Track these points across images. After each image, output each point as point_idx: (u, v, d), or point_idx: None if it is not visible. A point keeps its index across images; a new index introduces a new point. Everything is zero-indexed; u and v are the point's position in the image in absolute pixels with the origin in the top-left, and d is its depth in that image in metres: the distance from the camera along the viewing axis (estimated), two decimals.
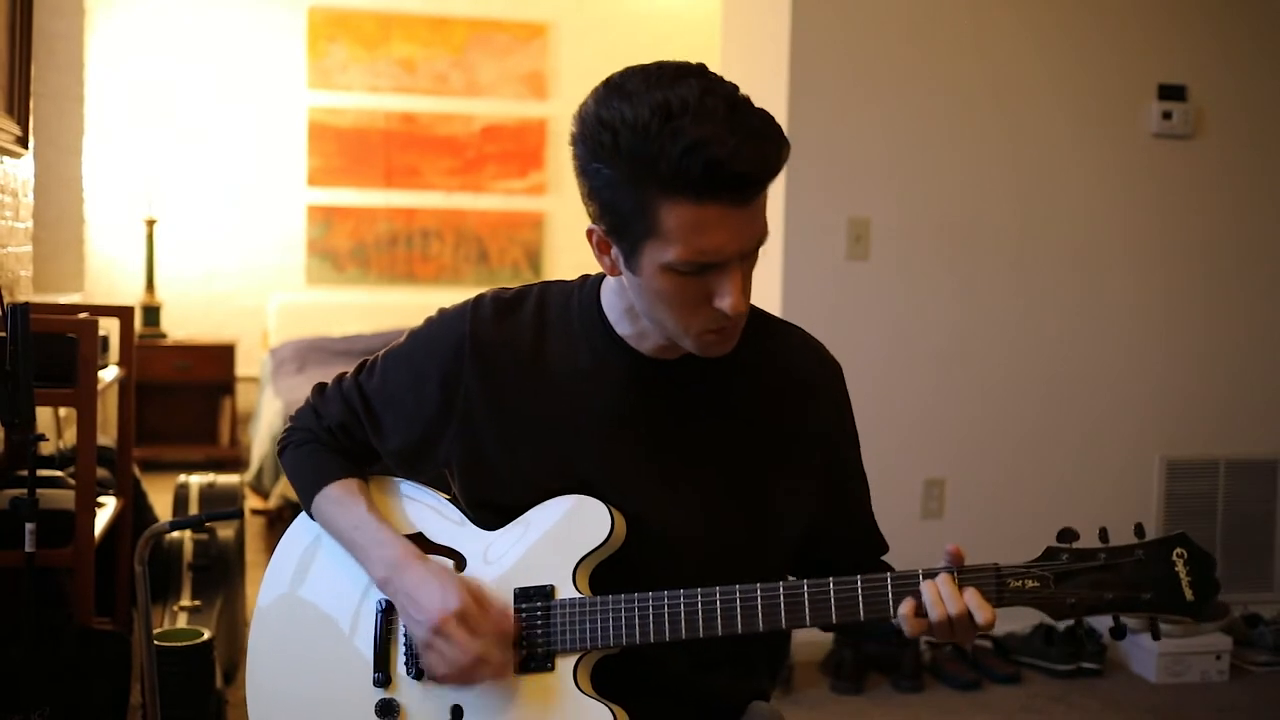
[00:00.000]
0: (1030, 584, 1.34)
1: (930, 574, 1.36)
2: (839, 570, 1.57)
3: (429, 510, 1.57)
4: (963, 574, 1.35)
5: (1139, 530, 1.37)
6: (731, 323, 1.35)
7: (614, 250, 1.38)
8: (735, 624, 1.40)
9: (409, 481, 1.61)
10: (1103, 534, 1.37)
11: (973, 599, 1.33)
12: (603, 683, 1.46)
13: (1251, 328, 4.11)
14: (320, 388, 1.65)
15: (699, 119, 1.24)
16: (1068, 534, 1.35)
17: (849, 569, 1.57)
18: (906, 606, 1.35)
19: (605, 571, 1.47)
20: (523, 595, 1.46)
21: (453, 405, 1.51)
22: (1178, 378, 4.07)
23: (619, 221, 1.33)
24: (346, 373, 1.63)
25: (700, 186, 1.25)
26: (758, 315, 1.55)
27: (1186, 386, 4.07)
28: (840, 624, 1.40)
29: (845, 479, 1.58)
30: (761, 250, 1.39)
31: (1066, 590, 1.33)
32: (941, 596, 1.34)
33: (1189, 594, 1.32)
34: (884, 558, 1.63)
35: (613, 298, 1.48)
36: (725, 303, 1.32)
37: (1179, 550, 1.33)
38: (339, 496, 1.57)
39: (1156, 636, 1.37)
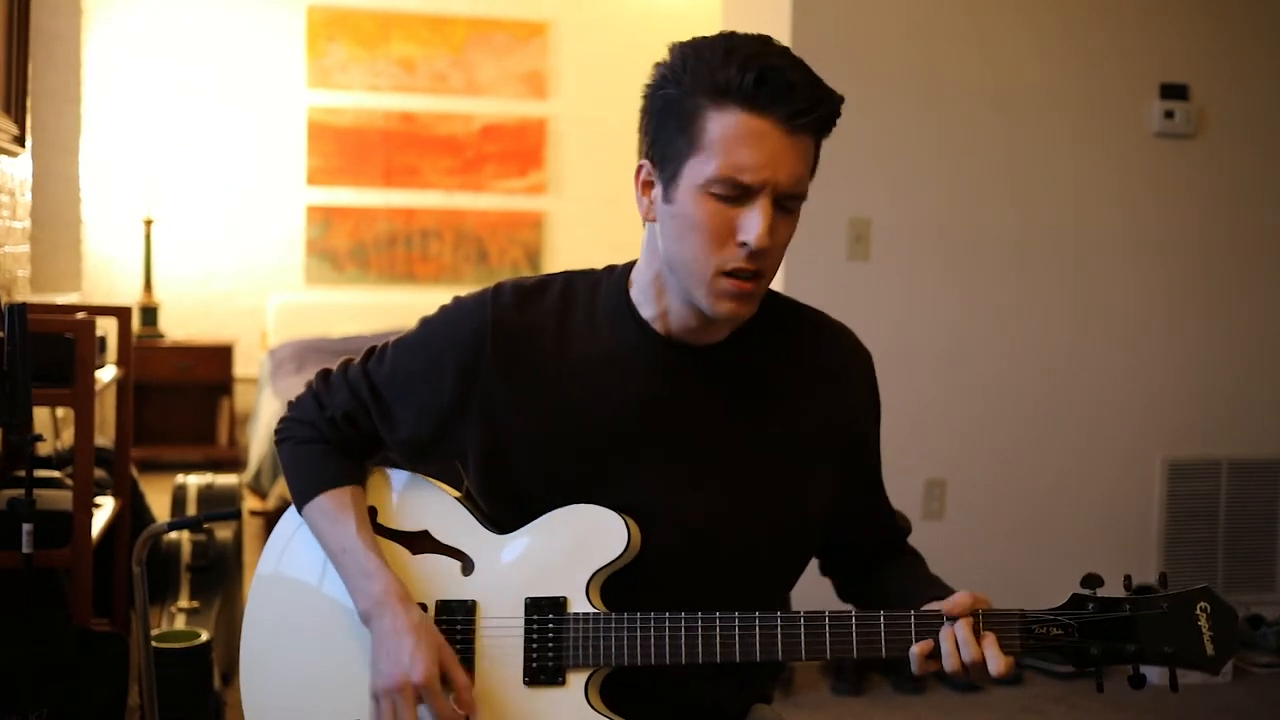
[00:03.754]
0: (1055, 631, 1.34)
1: (952, 618, 1.35)
2: (862, 550, 1.57)
3: (436, 508, 1.54)
4: (988, 618, 1.34)
5: (1163, 580, 1.37)
6: (751, 267, 1.35)
7: (655, 188, 1.39)
8: (754, 652, 1.38)
9: (418, 475, 1.57)
10: (1127, 582, 1.37)
11: (990, 647, 1.33)
12: (604, 688, 1.45)
13: (1254, 327, 4.10)
14: (324, 375, 1.60)
15: (762, 49, 1.33)
16: (1092, 580, 1.35)
17: (871, 548, 1.56)
18: (920, 648, 1.35)
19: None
20: (534, 606, 1.44)
21: (471, 394, 1.47)
22: (1179, 378, 4.06)
23: (666, 143, 1.36)
24: (352, 360, 1.58)
25: (750, 93, 1.30)
26: (788, 304, 1.55)
27: (1188, 387, 4.07)
28: (861, 659, 1.38)
29: (865, 460, 1.57)
30: None
31: (1090, 640, 1.34)
32: (959, 645, 1.33)
33: (1210, 649, 1.33)
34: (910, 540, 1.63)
35: (640, 278, 1.47)
36: (750, 234, 1.33)
37: (1202, 604, 1.33)
38: (330, 510, 1.52)
39: (1175, 688, 1.37)
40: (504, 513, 1.50)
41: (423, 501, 1.55)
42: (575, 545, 1.44)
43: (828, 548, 1.60)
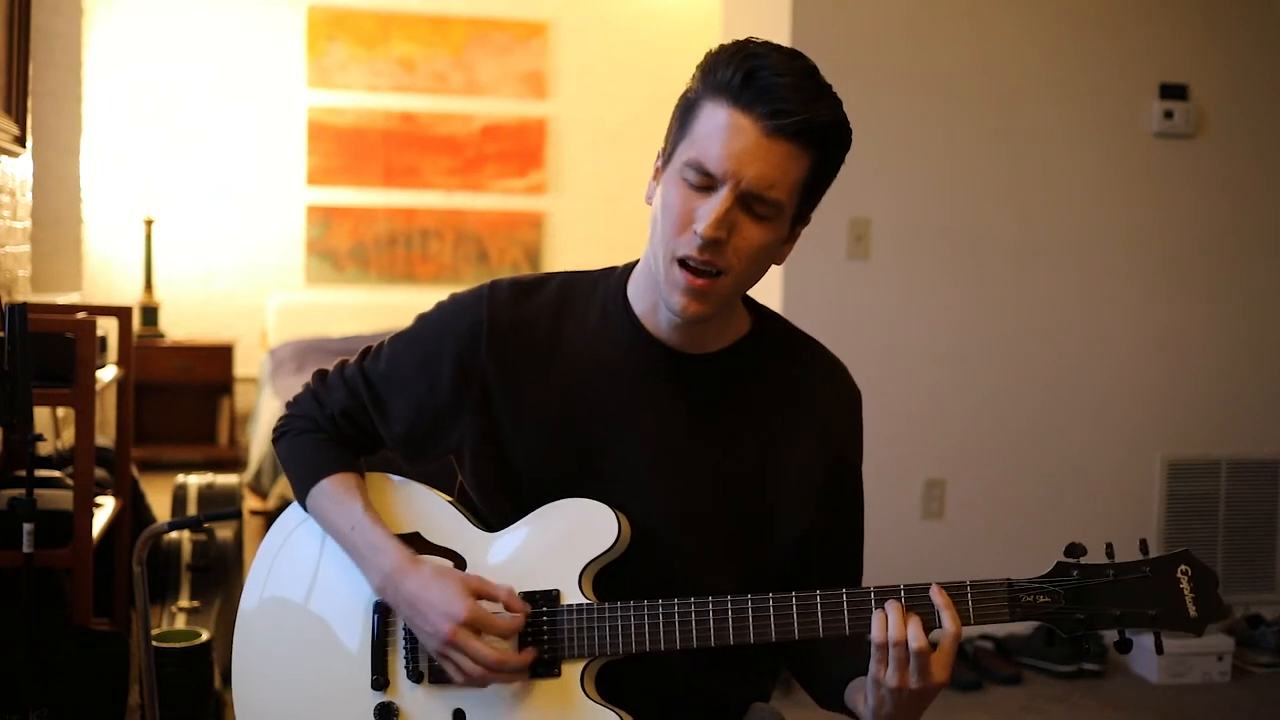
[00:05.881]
0: (1041, 599, 1.36)
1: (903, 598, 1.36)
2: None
3: (426, 509, 1.54)
4: (976, 588, 1.36)
5: (1143, 546, 1.39)
6: (700, 258, 1.34)
7: (660, 175, 1.42)
8: (747, 634, 1.39)
9: (407, 480, 1.58)
10: (1109, 550, 1.38)
11: (913, 627, 1.33)
12: (604, 683, 1.45)
13: (1253, 327, 4.10)
14: (321, 374, 1.61)
15: (767, 52, 1.35)
16: (1076, 549, 1.37)
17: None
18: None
19: (603, 567, 1.46)
20: (527, 599, 1.45)
21: (467, 389, 1.49)
22: (1178, 377, 4.06)
23: (673, 130, 1.40)
24: (349, 359, 1.59)
25: (736, 90, 1.32)
26: (788, 328, 1.55)
27: (1187, 386, 4.07)
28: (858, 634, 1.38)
29: (844, 505, 1.56)
30: None
31: (1076, 606, 1.36)
32: (901, 621, 1.33)
33: (1193, 610, 1.35)
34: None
35: (639, 272, 1.49)
36: (700, 222, 1.34)
37: (1183, 567, 1.36)
38: (335, 492, 1.53)
39: (1160, 650, 1.42)
40: (498, 508, 1.51)
41: (413, 504, 1.55)
42: (566, 538, 1.45)
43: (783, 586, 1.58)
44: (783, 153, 1.33)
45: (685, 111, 1.38)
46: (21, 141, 3.42)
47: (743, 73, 1.32)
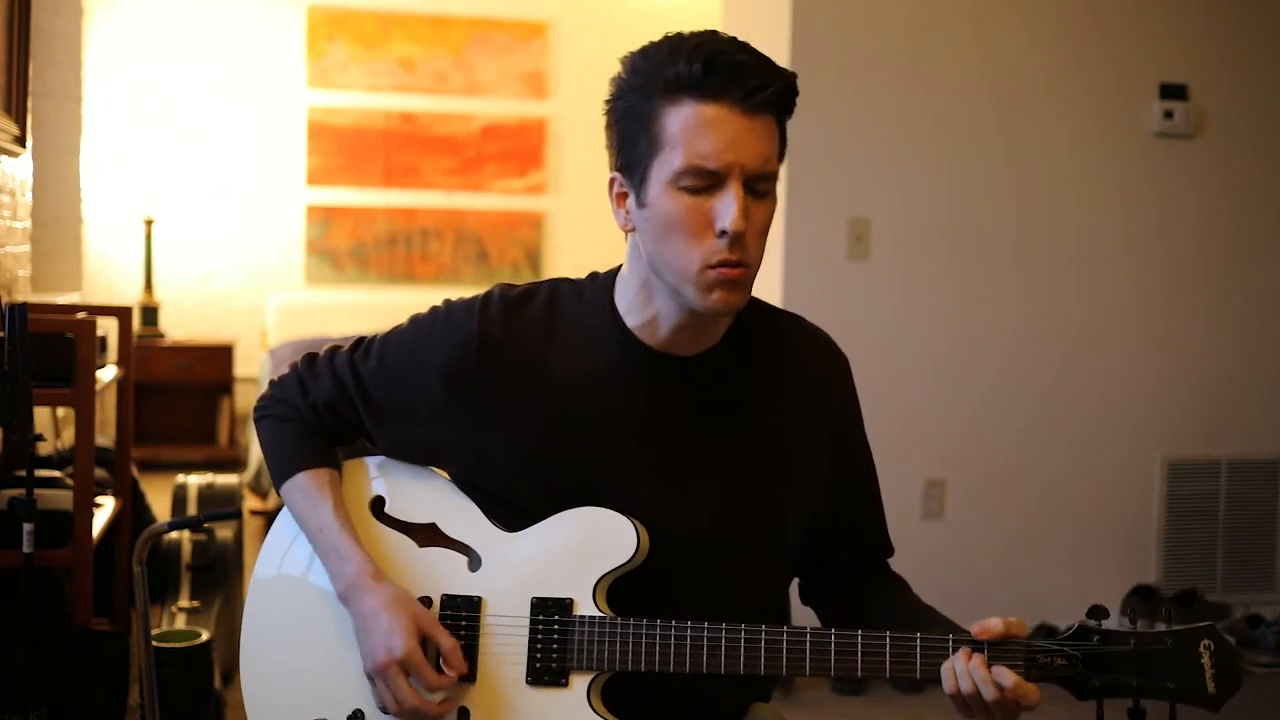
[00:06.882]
0: (1059, 662, 1.35)
1: (958, 646, 1.35)
2: (840, 569, 1.56)
3: (445, 501, 1.53)
4: (993, 650, 1.35)
5: (1168, 615, 1.38)
6: (734, 257, 1.34)
7: (629, 198, 1.40)
8: (759, 664, 1.39)
9: (430, 470, 1.56)
10: (1132, 616, 1.38)
11: (1003, 677, 1.33)
12: (604, 684, 1.45)
13: (1254, 327, 4.10)
14: (310, 360, 1.59)
15: (707, 39, 1.36)
16: (1098, 611, 1.36)
17: (850, 568, 1.56)
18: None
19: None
20: (540, 606, 1.44)
21: (456, 403, 1.48)
22: (1179, 377, 4.06)
23: (631, 149, 1.37)
24: (339, 348, 1.57)
25: (701, 82, 1.32)
26: (768, 310, 1.55)
27: (1187, 386, 4.07)
28: (863, 676, 1.39)
29: (854, 473, 1.56)
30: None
31: (1094, 672, 1.34)
32: (969, 674, 1.33)
33: (1211, 686, 1.34)
34: (890, 561, 1.62)
35: (626, 287, 1.47)
36: (725, 220, 1.33)
37: (1206, 642, 1.34)
38: (308, 488, 1.53)
39: None
40: (499, 516, 1.51)
41: (432, 494, 1.54)
42: (583, 547, 1.44)
43: (814, 566, 1.58)
44: (765, 125, 1.35)
45: (639, 124, 1.35)
46: (21, 141, 3.42)
47: (700, 63, 1.32)
